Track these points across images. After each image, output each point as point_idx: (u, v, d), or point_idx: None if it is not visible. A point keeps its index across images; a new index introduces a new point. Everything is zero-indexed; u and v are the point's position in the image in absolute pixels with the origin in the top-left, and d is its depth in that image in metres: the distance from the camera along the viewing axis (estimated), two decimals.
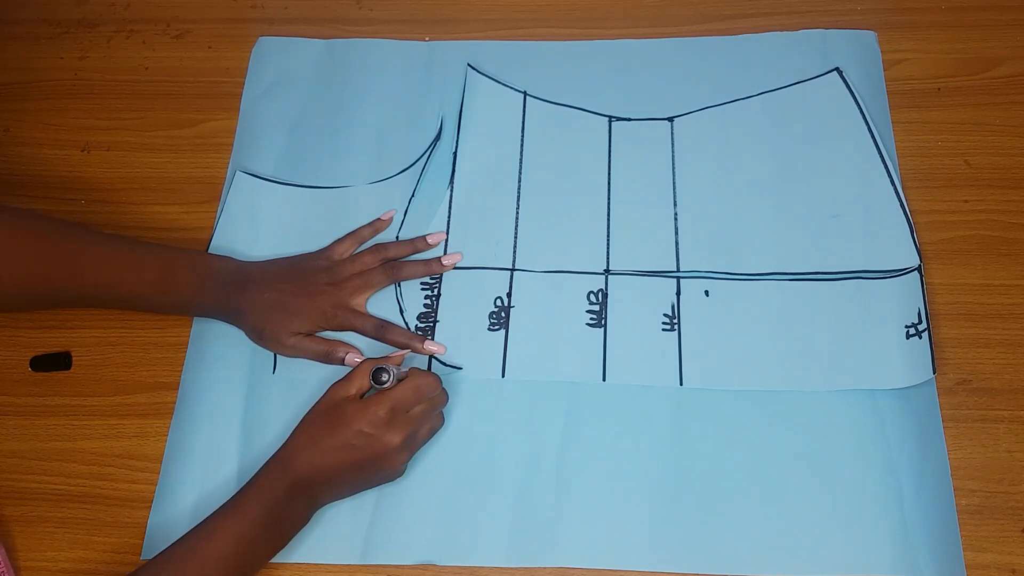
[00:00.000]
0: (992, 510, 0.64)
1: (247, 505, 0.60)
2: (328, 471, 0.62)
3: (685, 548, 0.63)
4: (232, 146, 0.81)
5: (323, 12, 0.88)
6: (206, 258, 0.72)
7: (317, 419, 0.63)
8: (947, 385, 0.68)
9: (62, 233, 0.68)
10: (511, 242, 0.75)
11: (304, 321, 0.69)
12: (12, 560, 0.65)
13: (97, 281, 0.68)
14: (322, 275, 0.71)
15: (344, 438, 0.61)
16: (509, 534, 0.64)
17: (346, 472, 0.62)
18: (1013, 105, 0.78)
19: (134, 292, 0.69)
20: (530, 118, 0.80)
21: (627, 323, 0.71)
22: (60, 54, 0.87)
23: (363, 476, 0.63)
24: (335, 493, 0.64)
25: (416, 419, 0.64)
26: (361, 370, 0.64)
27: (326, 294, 0.70)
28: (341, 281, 0.71)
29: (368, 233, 0.75)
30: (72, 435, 0.70)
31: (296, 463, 0.61)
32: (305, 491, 0.62)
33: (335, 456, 0.61)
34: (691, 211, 0.75)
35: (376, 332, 0.70)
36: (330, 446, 0.61)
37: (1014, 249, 0.72)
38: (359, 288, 0.71)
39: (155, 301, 0.70)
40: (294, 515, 0.62)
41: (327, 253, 0.73)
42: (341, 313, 0.70)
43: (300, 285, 0.70)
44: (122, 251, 0.69)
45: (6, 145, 0.83)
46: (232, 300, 0.69)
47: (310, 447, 0.62)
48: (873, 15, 0.83)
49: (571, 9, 0.86)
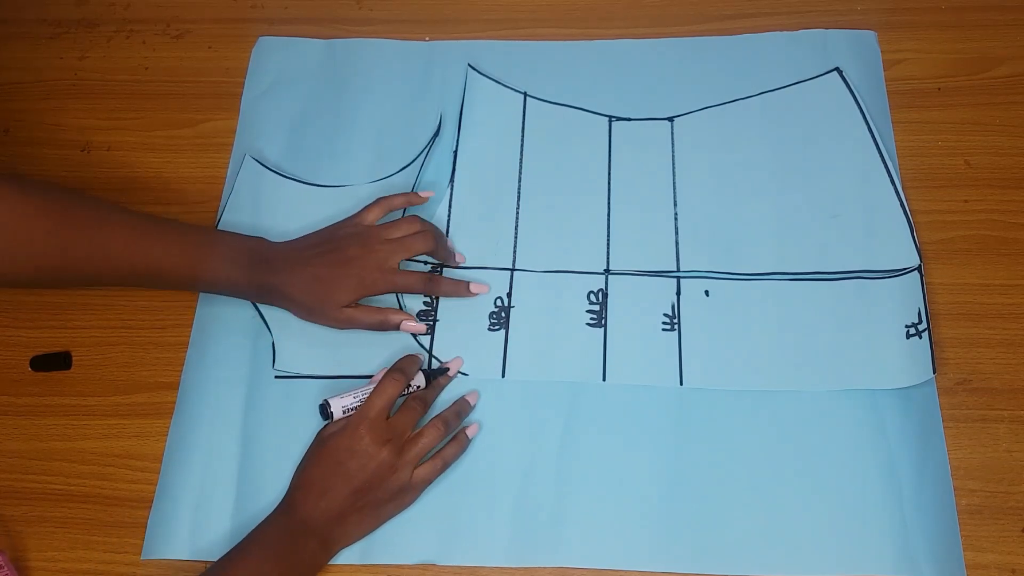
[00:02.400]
0: (992, 510, 0.64)
1: (252, 552, 0.60)
2: (334, 506, 0.62)
3: (685, 548, 0.63)
4: (232, 146, 0.81)
5: (323, 12, 0.88)
6: (234, 236, 0.71)
7: (309, 462, 0.64)
8: (947, 385, 0.68)
9: (85, 204, 0.66)
10: (511, 242, 0.75)
11: (346, 292, 0.68)
12: (14, 561, 0.65)
13: (121, 255, 0.67)
14: (354, 240, 0.69)
15: (334, 467, 0.62)
16: (509, 534, 0.64)
17: (349, 500, 0.62)
18: (1013, 105, 0.78)
19: (160, 267, 0.68)
20: (530, 118, 0.80)
21: (627, 323, 0.71)
22: (60, 54, 0.87)
23: (369, 500, 0.63)
24: (350, 529, 0.63)
25: (422, 439, 0.64)
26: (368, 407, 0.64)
27: (360, 260, 0.68)
28: (375, 245, 0.69)
29: (400, 202, 0.73)
30: (72, 435, 0.70)
31: (298, 506, 0.62)
32: (314, 533, 0.62)
33: (334, 489, 0.62)
34: (691, 211, 0.75)
35: (424, 286, 0.70)
36: (325, 479, 0.62)
37: (1014, 249, 0.72)
38: (392, 252, 0.69)
39: (180, 277, 0.69)
40: (305, 559, 0.62)
41: (355, 220, 0.72)
42: (381, 276, 0.68)
43: (334, 254, 0.69)
44: (147, 225, 0.68)
45: (6, 145, 0.83)
46: (268, 280, 0.69)
47: (307, 488, 0.62)
48: (873, 15, 0.83)
49: (571, 9, 0.86)
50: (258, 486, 0.67)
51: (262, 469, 0.67)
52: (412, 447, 0.64)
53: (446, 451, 0.65)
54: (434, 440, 0.65)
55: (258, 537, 0.61)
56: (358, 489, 0.62)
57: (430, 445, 0.65)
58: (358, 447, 0.62)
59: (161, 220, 0.70)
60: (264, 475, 0.67)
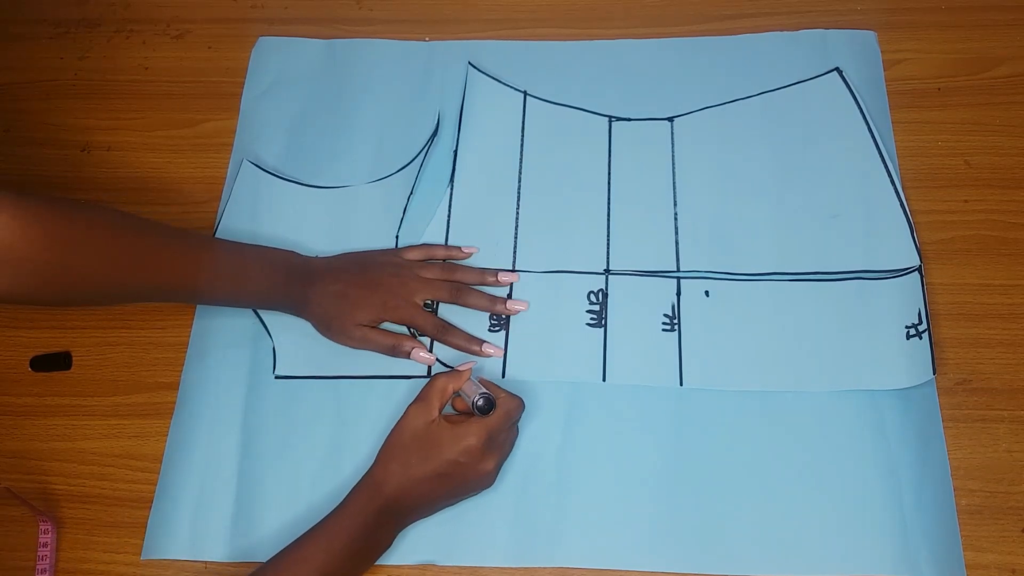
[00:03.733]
0: (992, 510, 0.64)
1: (337, 531, 0.60)
2: (419, 497, 0.62)
3: (685, 548, 0.63)
4: (232, 146, 0.81)
5: (323, 12, 0.88)
6: (275, 252, 0.71)
7: (406, 443, 0.62)
8: (947, 385, 0.68)
9: (138, 228, 0.66)
10: (511, 242, 0.75)
11: (367, 311, 0.69)
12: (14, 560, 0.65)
13: (171, 275, 0.67)
14: (388, 268, 0.71)
15: (437, 467, 0.61)
16: (509, 534, 0.64)
17: (438, 500, 0.63)
18: (1013, 105, 0.78)
19: (207, 287, 0.68)
20: (530, 118, 0.80)
21: (627, 323, 0.71)
22: (60, 54, 0.87)
23: (453, 499, 0.64)
24: (421, 516, 0.64)
25: (507, 441, 0.65)
26: (436, 388, 0.63)
27: (389, 286, 0.70)
28: (407, 278, 0.71)
29: (442, 253, 0.74)
30: (72, 435, 0.70)
31: (387, 489, 0.61)
32: (393, 516, 0.62)
33: (427, 484, 0.61)
34: (691, 211, 0.75)
35: (436, 331, 0.71)
36: (422, 473, 0.61)
37: (1014, 249, 0.72)
38: (421, 289, 0.71)
39: (226, 295, 0.69)
40: (381, 540, 0.62)
41: (397, 252, 0.74)
42: (403, 306, 0.70)
43: (365, 276, 0.70)
44: (195, 246, 0.68)
45: (6, 145, 0.83)
46: (300, 293, 0.70)
47: (401, 474, 0.61)
48: (873, 15, 0.83)
49: (571, 9, 0.86)
50: (258, 486, 0.67)
51: (262, 469, 0.67)
52: (505, 456, 0.65)
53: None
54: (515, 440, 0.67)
55: (344, 520, 0.61)
56: (451, 490, 0.63)
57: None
58: (469, 461, 0.62)
59: (210, 240, 0.71)
60: (264, 475, 0.67)
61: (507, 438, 0.65)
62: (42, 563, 0.64)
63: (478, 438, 0.61)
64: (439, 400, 0.63)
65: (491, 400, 0.63)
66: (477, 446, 0.61)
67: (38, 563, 0.64)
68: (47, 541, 0.65)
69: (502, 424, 0.63)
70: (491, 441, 0.62)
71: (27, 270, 0.59)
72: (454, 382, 0.64)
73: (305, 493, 0.66)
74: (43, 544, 0.65)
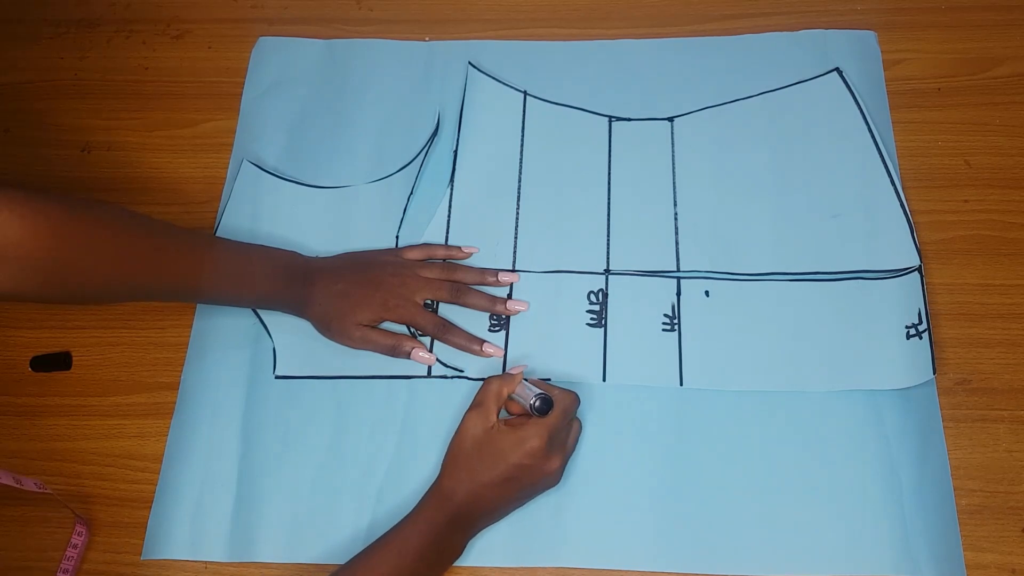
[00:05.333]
0: (992, 510, 0.64)
1: (408, 540, 0.60)
2: (488, 503, 0.62)
3: (685, 548, 0.64)
4: (232, 146, 0.81)
5: (323, 12, 0.88)
6: (277, 252, 0.72)
7: (469, 451, 0.62)
8: (947, 385, 0.68)
9: (143, 226, 0.66)
10: (511, 242, 0.75)
11: (367, 311, 0.70)
12: (14, 561, 0.65)
13: (175, 274, 0.67)
14: (388, 268, 0.71)
15: (504, 472, 0.61)
16: (509, 534, 0.64)
17: (508, 504, 0.63)
18: (1013, 105, 0.78)
19: (210, 285, 0.68)
20: (530, 118, 0.80)
21: (627, 323, 0.71)
22: (60, 54, 0.87)
23: (522, 502, 0.64)
24: (491, 521, 0.64)
25: (569, 437, 0.65)
26: (491, 393, 0.63)
27: (389, 286, 0.70)
28: (408, 277, 0.71)
29: (442, 253, 0.74)
30: (72, 435, 0.70)
31: (457, 497, 0.61)
32: (464, 524, 0.62)
33: (495, 489, 0.61)
34: (691, 211, 0.75)
35: (436, 330, 0.71)
36: (489, 479, 0.61)
37: (1014, 249, 0.72)
38: (422, 289, 0.71)
39: (228, 294, 0.70)
40: (452, 548, 0.62)
41: (397, 252, 0.74)
42: (404, 305, 0.70)
43: (365, 275, 0.71)
44: (199, 245, 0.68)
45: (6, 145, 0.83)
46: (301, 292, 0.70)
47: (469, 481, 0.61)
48: (873, 15, 0.83)
49: (571, 9, 0.86)
50: (258, 486, 0.67)
51: (262, 469, 0.67)
52: (569, 452, 0.65)
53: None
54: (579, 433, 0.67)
55: (416, 528, 0.61)
56: (519, 493, 0.63)
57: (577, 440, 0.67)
58: (534, 463, 0.61)
59: (215, 240, 0.71)
60: (264, 475, 0.67)
61: (569, 434, 0.65)
62: (67, 563, 0.64)
63: (540, 439, 0.61)
64: (495, 404, 0.63)
65: (548, 400, 0.63)
66: (540, 447, 0.61)
67: (63, 563, 0.64)
68: (78, 543, 0.65)
69: (560, 422, 0.63)
70: (553, 440, 0.62)
71: (33, 267, 0.59)
72: (508, 386, 0.64)
73: (305, 493, 0.67)
74: (73, 545, 0.64)
